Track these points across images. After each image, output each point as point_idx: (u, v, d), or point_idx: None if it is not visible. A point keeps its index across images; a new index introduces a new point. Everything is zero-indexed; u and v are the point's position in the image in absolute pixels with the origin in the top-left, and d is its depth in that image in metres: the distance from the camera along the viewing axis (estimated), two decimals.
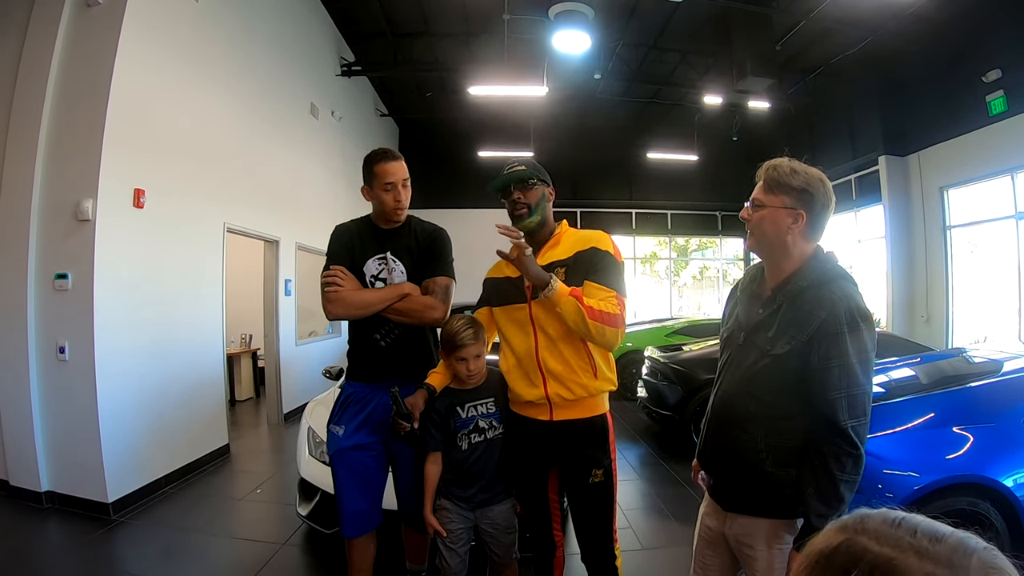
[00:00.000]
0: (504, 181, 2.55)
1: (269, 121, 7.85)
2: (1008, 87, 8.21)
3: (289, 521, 4.56)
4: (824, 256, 1.96)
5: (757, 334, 1.96)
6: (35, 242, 4.76)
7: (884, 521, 0.66)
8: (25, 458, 4.78)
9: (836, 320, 1.79)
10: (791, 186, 1.91)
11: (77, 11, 4.89)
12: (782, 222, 1.92)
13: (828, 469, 1.76)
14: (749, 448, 1.92)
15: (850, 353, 1.78)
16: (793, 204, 1.91)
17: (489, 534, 2.71)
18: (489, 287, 2.74)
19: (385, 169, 2.71)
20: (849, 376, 1.77)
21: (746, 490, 1.97)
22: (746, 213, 1.98)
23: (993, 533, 3.00)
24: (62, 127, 4.80)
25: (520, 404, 2.57)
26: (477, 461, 2.65)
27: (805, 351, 1.83)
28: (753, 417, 1.92)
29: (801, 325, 1.84)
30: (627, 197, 16.39)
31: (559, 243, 2.56)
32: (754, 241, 2.00)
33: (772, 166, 1.95)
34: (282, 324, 8.29)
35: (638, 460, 6.45)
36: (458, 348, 2.58)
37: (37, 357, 4.76)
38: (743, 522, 1.99)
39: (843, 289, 1.85)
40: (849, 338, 1.78)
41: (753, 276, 2.13)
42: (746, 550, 1.99)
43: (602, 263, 2.43)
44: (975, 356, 4.54)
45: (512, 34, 9.76)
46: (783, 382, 1.88)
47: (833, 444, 1.77)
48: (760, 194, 1.95)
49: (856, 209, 11.95)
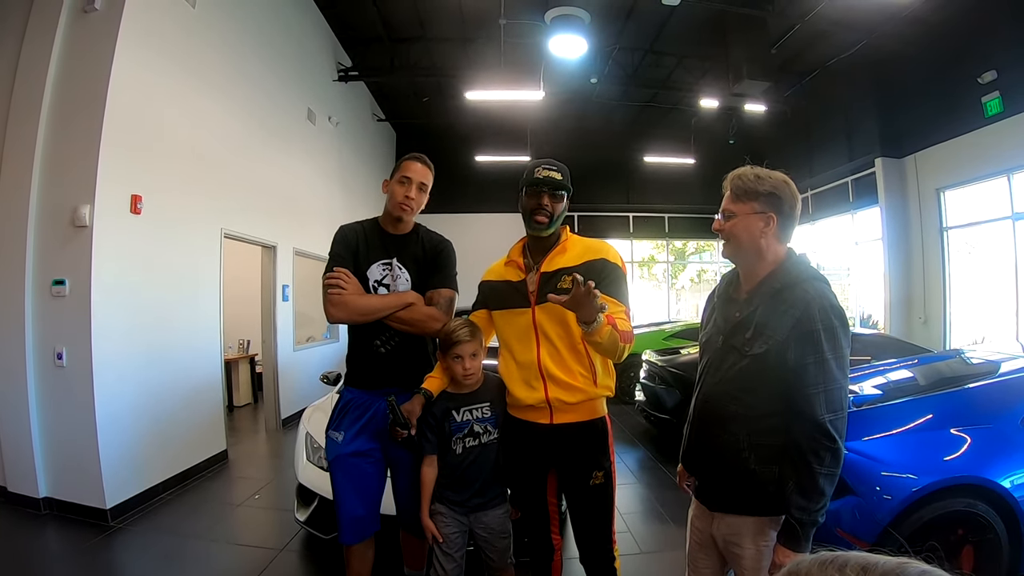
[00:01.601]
0: (541, 181, 2.52)
1: (266, 127, 7.86)
2: (1004, 88, 8.22)
3: (287, 527, 4.55)
4: (797, 258, 2.04)
5: (735, 336, 2.02)
6: (32, 248, 4.75)
7: (815, 563, 0.66)
8: (23, 464, 4.77)
9: (811, 319, 1.86)
10: (758, 191, 2.00)
11: (74, 17, 4.89)
12: (754, 227, 2.01)
13: (808, 464, 1.83)
14: (732, 448, 1.97)
15: (825, 350, 1.85)
16: (763, 208, 1.99)
17: (484, 539, 2.71)
18: (487, 290, 2.75)
19: (408, 165, 2.78)
20: (825, 372, 1.84)
21: (731, 489, 2.01)
22: (718, 224, 2.06)
23: (992, 534, 3.01)
24: (59, 133, 4.80)
25: (520, 408, 2.57)
26: (472, 465, 2.66)
27: (782, 350, 1.89)
28: (734, 417, 1.97)
29: (777, 325, 1.91)
30: (624, 200, 16.42)
31: (566, 250, 2.57)
32: (731, 249, 2.07)
33: (737, 175, 2.04)
34: (280, 329, 8.27)
35: (636, 464, 6.45)
36: (454, 345, 2.59)
37: (35, 363, 4.75)
38: (729, 521, 2.05)
39: (816, 289, 1.92)
40: (824, 336, 1.85)
41: (730, 280, 2.20)
42: (733, 548, 2.04)
43: (612, 276, 2.46)
44: (973, 357, 4.55)
45: (509, 39, 9.79)
46: (762, 382, 1.94)
47: (812, 439, 1.83)
48: (729, 204, 2.04)
49: (853, 211, 11.97)
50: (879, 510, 2.95)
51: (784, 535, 1.88)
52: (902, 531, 2.93)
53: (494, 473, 2.71)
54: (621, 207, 16.47)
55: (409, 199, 2.76)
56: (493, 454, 2.70)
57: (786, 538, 1.87)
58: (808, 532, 1.84)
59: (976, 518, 3.00)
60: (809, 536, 1.85)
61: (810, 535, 1.85)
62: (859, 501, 2.99)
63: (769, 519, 1.97)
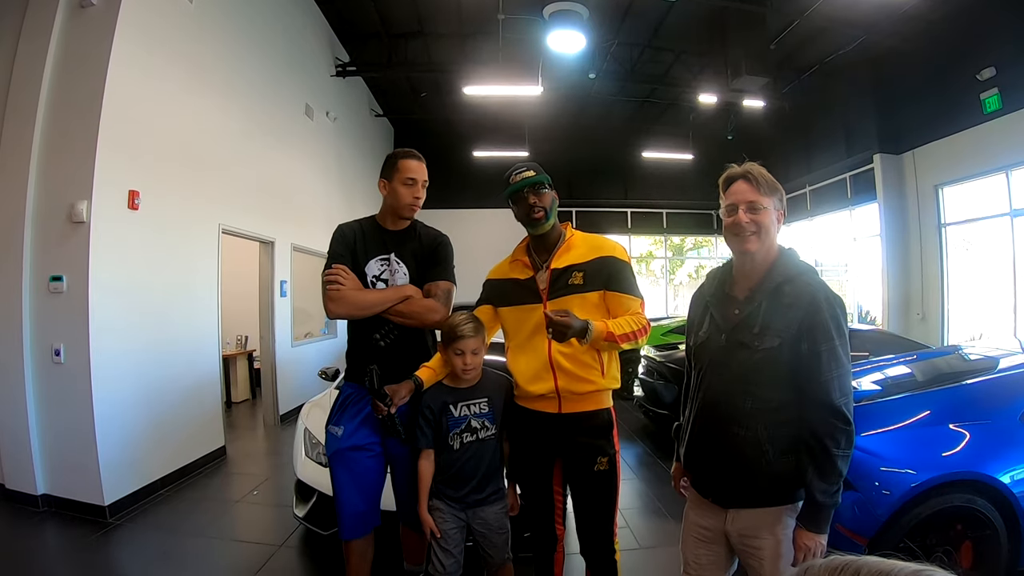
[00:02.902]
0: (520, 186, 2.60)
1: (264, 122, 7.84)
2: (1002, 85, 8.22)
3: (286, 523, 4.55)
4: (790, 252, 2.10)
5: (741, 333, 2.04)
6: (30, 245, 4.74)
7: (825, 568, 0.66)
8: (21, 461, 4.77)
9: (818, 309, 1.93)
10: (776, 187, 2.06)
11: (71, 12, 4.87)
12: (775, 222, 2.06)
13: (826, 448, 1.90)
14: (751, 443, 1.98)
15: (834, 337, 1.92)
16: (778, 204, 2.06)
17: (481, 534, 2.72)
18: (492, 288, 2.80)
19: (409, 165, 2.79)
20: (836, 358, 1.92)
21: (750, 484, 2.02)
22: (746, 217, 2.02)
23: (991, 530, 3.02)
24: (56, 128, 4.78)
25: (529, 399, 2.62)
26: (469, 461, 2.67)
27: (795, 342, 1.94)
28: (751, 412, 1.99)
29: (786, 318, 1.96)
30: (622, 196, 16.42)
31: (573, 247, 2.64)
32: (759, 243, 2.04)
33: (754, 169, 2.04)
34: (278, 325, 8.27)
35: (635, 460, 6.46)
36: (457, 340, 2.60)
37: (32, 360, 4.75)
38: (747, 515, 2.06)
39: (816, 280, 2.02)
40: (831, 323, 1.93)
41: (722, 280, 2.21)
42: (751, 542, 2.05)
43: (623, 272, 2.58)
44: (971, 353, 4.56)
45: (507, 34, 9.76)
46: (775, 374, 1.97)
47: (828, 424, 1.90)
48: (758, 196, 2.02)
49: (851, 207, 11.97)
50: (878, 505, 2.95)
51: (806, 519, 1.94)
52: (901, 527, 2.94)
53: (492, 469, 2.72)
54: (619, 202, 16.46)
55: (418, 199, 2.82)
56: (491, 450, 2.71)
57: (808, 522, 1.93)
58: (829, 514, 1.92)
59: (975, 514, 3.00)
60: (830, 518, 1.93)
61: (831, 517, 1.93)
62: (858, 496, 3.00)
63: (786, 507, 2.02)
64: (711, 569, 2.20)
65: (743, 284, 2.12)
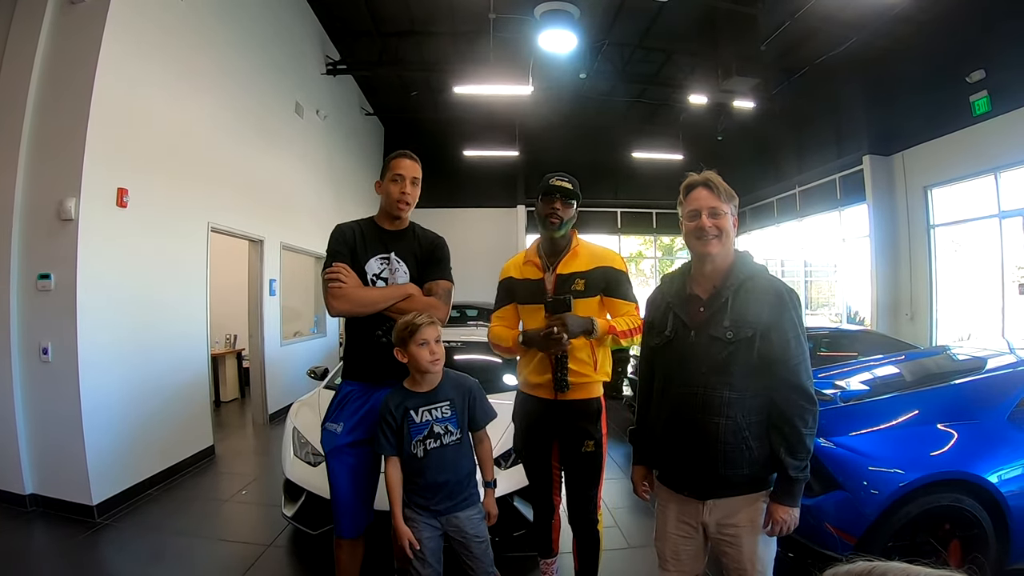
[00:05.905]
0: (554, 189, 2.90)
1: (253, 120, 7.81)
2: (992, 87, 8.27)
3: (275, 522, 4.53)
4: (745, 254, 2.30)
5: (711, 328, 2.17)
6: (17, 242, 4.70)
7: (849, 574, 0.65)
8: (8, 461, 4.72)
9: (784, 301, 2.13)
10: (733, 195, 2.25)
11: (60, 9, 4.84)
12: (732, 226, 2.24)
13: (795, 427, 2.08)
14: (731, 430, 2.11)
15: (798, 326, 2.13)
16: (734, 211, 2.25)
17: (459, 543, 2.65)
18: (514, 286, 3.09)
19: (397, 163, 2.89)
20: (800, 344, 2.12)
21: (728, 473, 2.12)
22: (708, 222, 2.17)
23: (978, 529, 3.04)
24: (45, 125, 4.75)
25: (530, 387, 2.98)
26: (435, 469, 2.60)
27: (766, 332, 2.11)
28: (729, 402, 2.12)
29: (757, 311, 2.12)
30: (613, 196, 16.44)
31: (577, 256, 2.97)
32: (721, 246, 2.20)
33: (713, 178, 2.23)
34: (267, 324, 8.24)
35: (624, 459, 6.45)
36: (417, 331, 2.55)
37: (20, 358, 4.71)
38: (723, 504, 2.18)
39: (773, 277, 2.24)
40: (795, 314, 2.13)
41: (681, 282, 2.34)
42: (728, 530, 2.18)
43: (619, 280, 2.95)
44: (959, 354, 4.59)
45: (498, 33, 9.76)
46: (748, 363, 2.12)
47: (798, 406, 2.09)
48: (717, 202, 2.19)
49: (840, 208, 12.00)
50: (867, 504, 2.97)
51: (781, 494, 2.11)
52: (890, 526, 2.96)
53: (462, 475, 2.66)
54: (609, 202, 16.49)
55: (405, 194, 2.86)
56: (456, 455, 2.65)
57: (784, 496, 2.10)
58: (802, 488, 2.11)
59: (963, 513, 3.03)
60: (801, 492, 2.11)
61: (802, 491, 2.11)
62: (847, 496, 3.02)
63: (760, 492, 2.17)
64: (689, 563, 2.29)
65: (705, 284, 2.26)
